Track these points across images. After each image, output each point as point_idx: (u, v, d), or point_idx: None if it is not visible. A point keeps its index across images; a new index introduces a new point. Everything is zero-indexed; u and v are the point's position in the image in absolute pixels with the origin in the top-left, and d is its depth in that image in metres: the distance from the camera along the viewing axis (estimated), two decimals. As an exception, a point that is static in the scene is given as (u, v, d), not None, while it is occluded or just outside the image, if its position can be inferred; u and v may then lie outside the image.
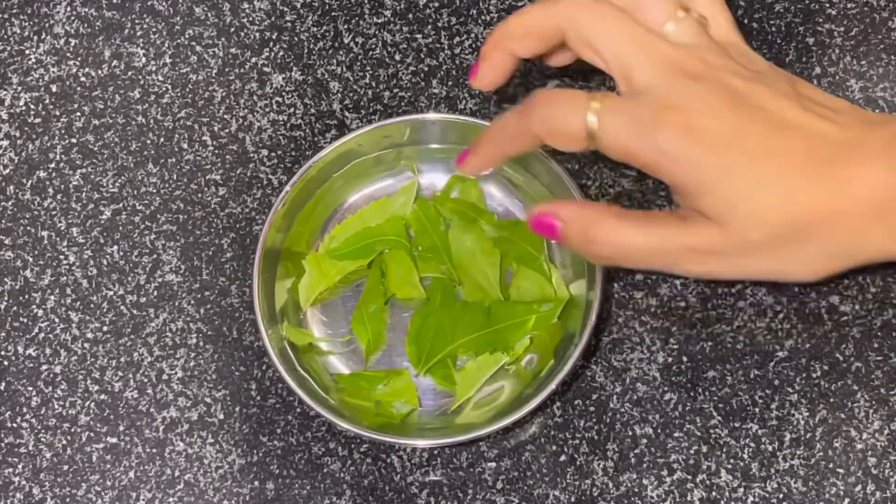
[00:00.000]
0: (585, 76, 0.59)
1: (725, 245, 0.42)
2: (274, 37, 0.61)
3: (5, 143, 0.60)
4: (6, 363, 0.56)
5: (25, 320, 0.57)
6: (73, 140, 0.60)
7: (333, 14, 0.61)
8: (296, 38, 0.61)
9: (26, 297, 0.57)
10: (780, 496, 0.52)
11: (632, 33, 0.44)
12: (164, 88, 0.60)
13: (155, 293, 0.57)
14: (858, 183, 0.40)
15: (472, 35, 0.60)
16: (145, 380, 0.56)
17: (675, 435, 0.53)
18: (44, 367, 0.56)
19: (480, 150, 0.48)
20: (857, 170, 0.41)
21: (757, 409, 0.53)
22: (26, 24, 0.62)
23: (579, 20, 0.44)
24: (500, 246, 0.54)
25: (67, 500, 0.54)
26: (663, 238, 0.43)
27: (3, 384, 0.56)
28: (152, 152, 0.59)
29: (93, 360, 0.56)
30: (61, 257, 0.58)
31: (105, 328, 0.57)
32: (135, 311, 0.57)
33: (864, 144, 0.41)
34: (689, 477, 0.53)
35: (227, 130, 0.60)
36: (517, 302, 0.53)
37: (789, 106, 0.42)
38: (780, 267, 0.43)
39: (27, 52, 0.62)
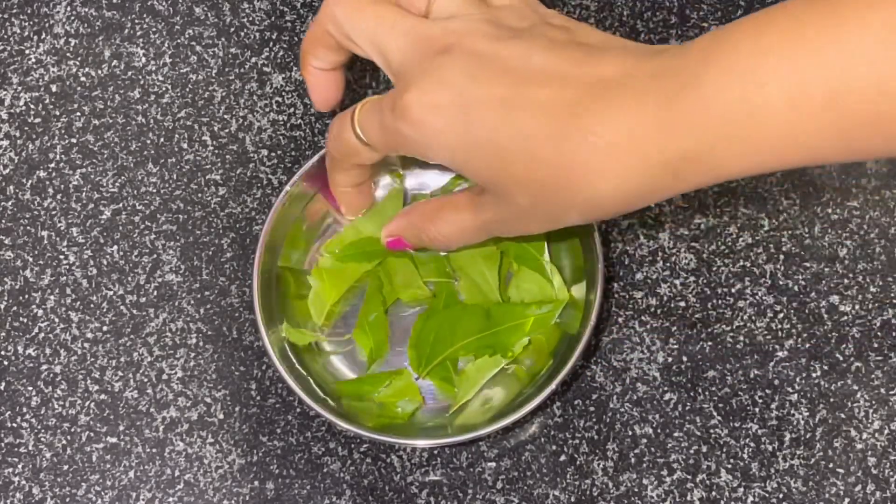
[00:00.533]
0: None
1: (509, 213, 0.43)
2: (274, 37, 0.61)
3: (5, 143, 0.60)
4: (6, 363, 0.56)
5: (25, 320, 0.57)
6: (73, 140, 0.60)
7: (333, 14, 0.61)
8: (296, 38, 0.61)
9: (26, 297, 0.57)
10: (780, 496, 0.52)
11: (380, 16, 0.43)
12: (164, 88, 0.60)
13: (155, 293, 0.57)
14: (604, 129, 0.38)
15: (472, 35, 0.60)
16: (145, 380, 0.56)
17: (675, 435, 0.53)
18: (44, 366, 0.56)
19: (337, 196, 0.53)
20: (603, 115, 0.38)
21: (757, 409, 0.53)
22: (26, 24, 0.62)
23: (336, 16, 0.45)
24: (501, 246, 0.54)
25: (67, 500, 0.54)
26: (468, 220, 0.46)
27: (3, 384, 0.56)
28: (152, 152, 0.59)
29: (93, 360, 0.56)
30: (61, 257, 0.58)
31: (105, 328, 0.57)
32: (135, 311, 0.57)
33: (624, 83, 0.39)
34: (689, 477, 0.53)
35: (227, 130, 0.60)
36: (516, 304, 0.53)
37: (543, 59, 0.40)
38: (564, 220, 0.42)
39: (27, 52, 0.62)
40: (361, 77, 0.60)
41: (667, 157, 0.38)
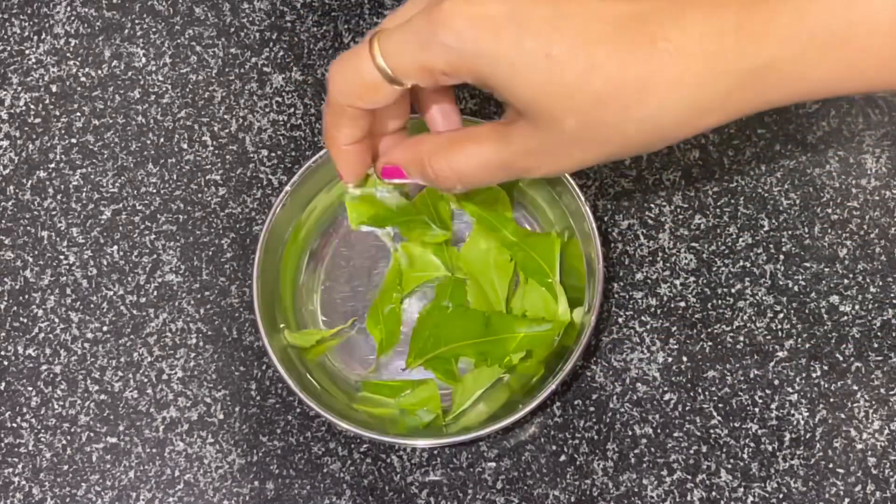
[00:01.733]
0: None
1: (549, 142, 0.39)
2: (274, 37, 0.61)
3: (5, 143, 0.60)
4: (6, 363, 0.56)
5: (25, 320, 0.57)
6: (73, 140, 0.60)
7: (333, 14, 0.61)
8: (296, 38, 0.61)
9: (26, 297, 0.57)
10: (780, 496, 0.52)
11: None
12: (164, 88, 0.60)
13: (155, 293, 0.57)
14: (676, 34, 0.35)
15: (472, 35, 0.60)
16: (145, 380, 0.56)
17: (675, 435, 0.53)
18: (44, 367, 0.56)
19: (337, 158, 0.47)
20: (676, 20, 0.35)
21: (757, 409, 0.53)
22: (26, 24, 0.62)
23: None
24: (515, 255, 0.54)
25: (67, 500, 0.54)
26: (491, 152, 0.41)
27: (3, 384, 0.56)
28: (152, 152, 0.59)
29: (93, 360, 0.56)
30: (61, 257, 0.58)
31: (105, 328, 0.57)
32: (135, 311, 0.57)
33: (689, 5, 0.36)
34: (689, 477, 0.53)
35: (227, 130, 0.60)
36: (517, 317, 0.53)
37: None
38: (613, 150, 0.38)
39: (27, 52, 0.62)
40: (361, 77, 0.60)
41: (746, 65, 0.35)
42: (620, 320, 0.55)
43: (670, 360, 0.54)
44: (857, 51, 0.34)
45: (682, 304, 0.55)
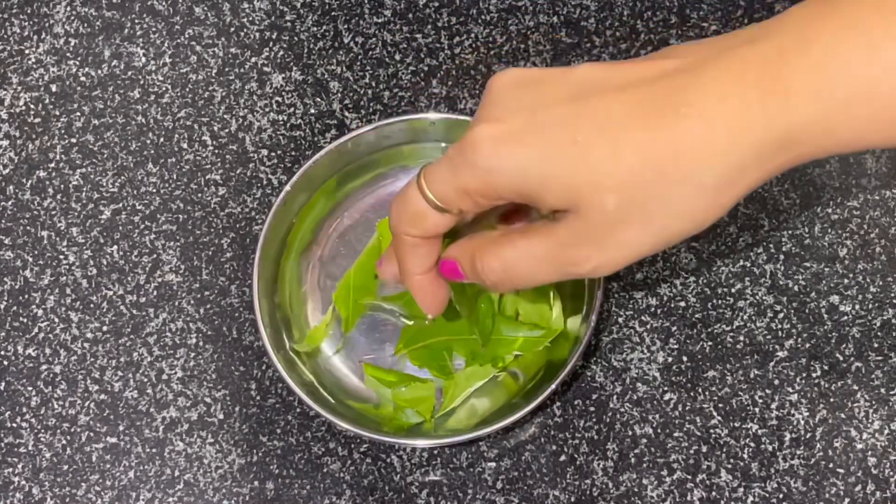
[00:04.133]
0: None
1: (593, 228, 0.38)
2: (274, 37, 0.61)
3: (5, 143, 0.60)
4: (6, 363, 0.56)
5: (25, 320, 0.57)
6: (73, 140, 0.60)
7: (333, 14, 0.61)
8: (296, 38, 0.61)
9: (26, 297, 0.57)
10: (780, 496, 0.52)
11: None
12: (163, 88, 0.60)
13: (155, 293, 0.57)
14: (698, 98, 0.36)
15: (472, 35, 0.60)
16: (145, 380, 0.56)
17: (675, 435, 0.53)
18: (43, 367, 0.56)
19: (414, 292, 0.47)
20: (696, 85, 0.36)
21: (757, 409, 0.53)
22: (26, 23, 0.62)
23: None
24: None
25: (67, 500, 0.54)
26: (539, 245, 0.40)
27: (3, 384, 0.56)
28: (152, 152, 0.59)
29: (93, 360, 0.56)
30: (61, 257, 0.58)
31: (105, 328, 0.57)
32: (135, 311, 0.57)
33: (718, 55, 0.36)
34: (689, 477, 0.53)
35: (227, 130, 0.60)
36: (510, 319, 0.53)
37: (611, 68, 0.38)
38: (663, 224, 0.38)
39: (27, 51, 0.62)
40: (361, 77, 0.60)
41: (771, 121, 0.35)
42: (620, 320, 0.55)
43: (670, 359, 0.54)
44: (882, 108, 0.34)
45: (682, 303, 0.55)
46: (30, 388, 0.56)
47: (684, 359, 0.54)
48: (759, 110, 0.35)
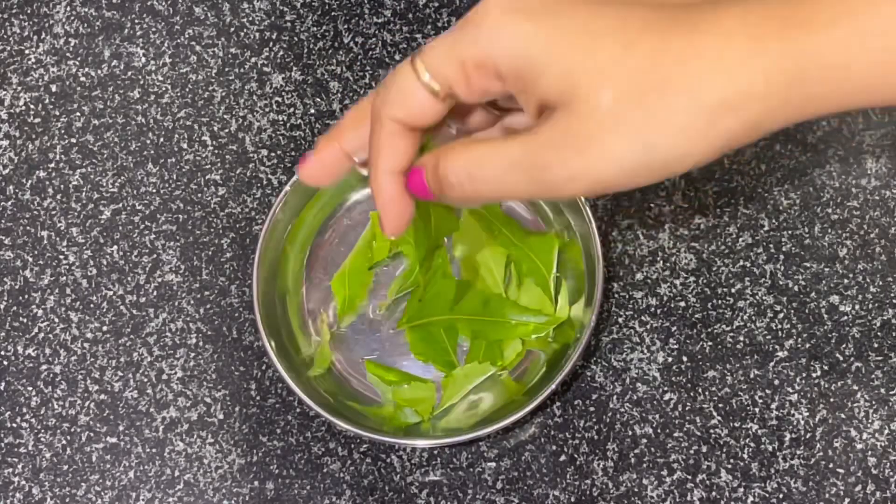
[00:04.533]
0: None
1: (579, 126, 0.35)
2: (274, 37, 0.61)
3: (5, 143, 0.60)
4: (6, 363, 0.56)
5: (25, 320, 0.57)
6: (73, 140, 0.60)
7: (333, 14, 0.61)
8: (296, 38, 0.61)
9: (26, 297, 0.57)
10: (780, 496, 0.52)
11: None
12: (163, 88, 0.60)
13: (155, 293, 0.57)
14: (715, 23, 0.35)
15: (472, 35, 0.60)
16: (145, 380, 0.56)
17: (675, 435, 0.53)
18: (44, 367, 0.56)
19: (378, 192, 0.41)
20: (713, 13, 0.35)
21: (757, 409, 0.53)
22: (26, 24, 0.62)
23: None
24: (512, 255, 0.54)
25: (67, 500, 0.54)
26: (513, 146, 0.37)
27: (3, 384, 0.56)
28: (152, 152, 0.59)
29: (93, 360, 0.56)
30: (61, 257, 0.58)
31: (105, 328, 0.57)
32: (135, 311, 0.57)
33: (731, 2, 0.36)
34: (689, 477, 0.53)
35: (227, 130, 0.60)
36: (516, 303, 0.54)
37: None
38: (652, 140, 0.35)
39: (27, 52, 0.62)
40: (360, 77, 0.60)
41: (788, 48, 0.34)
42: (620, 320, 0.55)
43: (670, 359, 0.54)
44: None
45: (682, 303, 0.55)
46: (30, 388, 0.56)
47: (684, 359, 0.55)
48: (776, 37, 0.34)
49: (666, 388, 0.54)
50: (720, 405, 0.54)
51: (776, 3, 0.35)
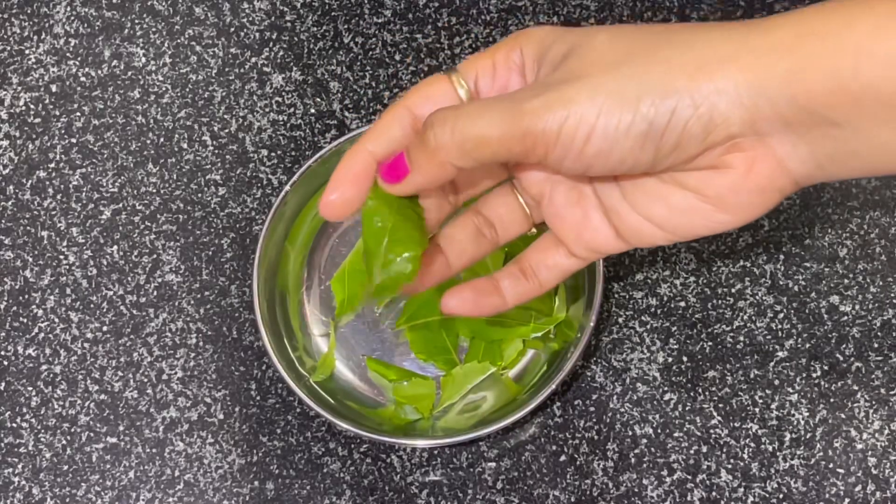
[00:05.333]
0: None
1: (567, 71, 0.36)
2: (274, 37, 0.61)
3: (5, 143, 0.60)
4: (6, 363, 0.56)
5: (25, 320, 0.57)
6: (73, 140, 0.60)
7: (333, 14, 0.61)
8: (296, 38, 0.61)
9: (26, 297, 0.57)
10: (780, 496, 0.52)
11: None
12: (164, 88, 0.60)
13: (155, 293, 0.57)
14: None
15: (472, 35, 0.60)
16: (145, 380, 0.56)
17: (675, 435, 0.53)
18: (44, 367, 0.56)
19: (339, 168, 0.41)
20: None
21: (757, 409, 0.53)
22: (26, 24, 0.62)
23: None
24: (512, 254, 0.54)
25: (67, 500, 0.54)
26: (500, 99, 0.36)
27: (3, 384, 0.56)
28: (152, 152, 0.59)
29: (93, 360, 0.56)
30: (61, 257, 0.58)
31: (105, 328, 0.57)
32: (135, 311, 0.57)
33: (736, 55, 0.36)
34: (689, 477, 0.53)
35: (227, 130, 0.60)
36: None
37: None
38: (633, 79, 0.35)
39: (27, 52, 0.62)
40: (361, 77, 0.60)
41: (777, 63, 0.34)
42: (620, 320, 0.55)
43: (670, 360, 0.54)
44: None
45: (682, 304, 0.55)
46: (30, 388, 0.56)
47: (684, 359, 0.55)
48: (773, 54, 0.35)
49: (666, 388, 0.54)
50: (720, 405, 0.54)
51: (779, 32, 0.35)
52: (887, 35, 0.33)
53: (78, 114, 0.60)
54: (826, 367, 0.54)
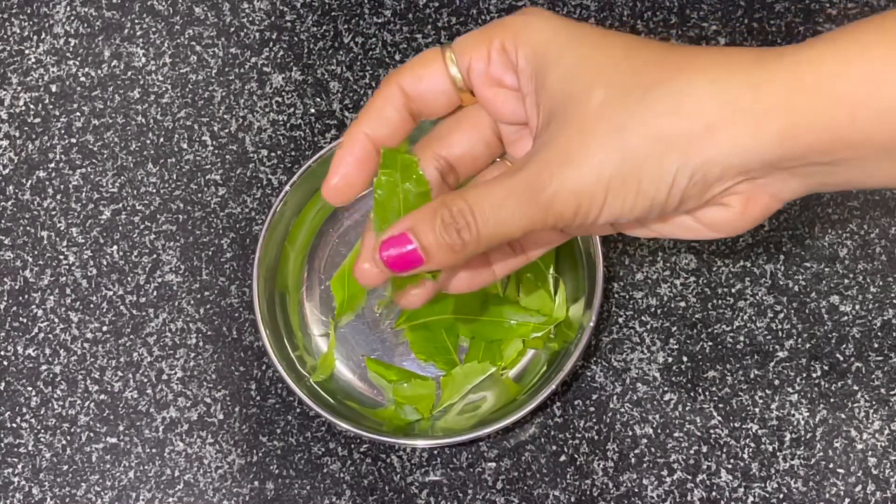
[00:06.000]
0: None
1: (571, 132, 0.36)
2: (274, 37, 0.61)
3: (5, 143, 0.60)
4: (6, 363, 0.56)
5: (25, 320, 0.57)
6: (73, 140, 0.60)
7: (333, 14, 0.61)
8: (296, 38, 0.61)
9: (26, 297, 0.57)
10: (781, 496, 0.52)
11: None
12: (163, 88, 0.60)
13: (155, 293, 0.57)
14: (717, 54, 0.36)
15: (472, 35, 0.60)
16: (145, 380, 0.56)
17: (675, 435, 0.53)
18: (44, 367, 0.56)
19: (341, 147, 0.41)
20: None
21: (757, 409, 0.53)
22: (26, 24, 0.62)
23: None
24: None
25: (67, 500, 0.54)
26: (514, 174, 0.37)
27: (3, 384, 0.56)
28: (152, 152, 0.59)
29: (93, 360, 0.56)
30: (61, 257, 0.58)
31: (105, 328, 0.57)
32: (134, 311, 0.57)
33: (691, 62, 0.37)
34: (689, 477, 0.53)
35: (227, 130, 0.60)
36: (514, 303, 0.54)
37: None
38: (632, 143, 0.35)
39: (27, 52, 0.62)
40: (360, 77, 0.60)
41: (766, 91, 0.34)
42: (620, 320, 0.55)
43: (670, 360, 0.54)
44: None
45: (682, 304, 0.55)
46: (30, 388, 0.56)
47: (684, 359, 0.54)
48: (772, 74, 0.35)
49: (666, 388, 0.54)
50: (720, 405, 0.54)
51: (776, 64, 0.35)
52: (884, 86, 0.33)
53: (78, 114, 0.60)
54: (826, 367, 0.54)
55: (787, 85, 0.34)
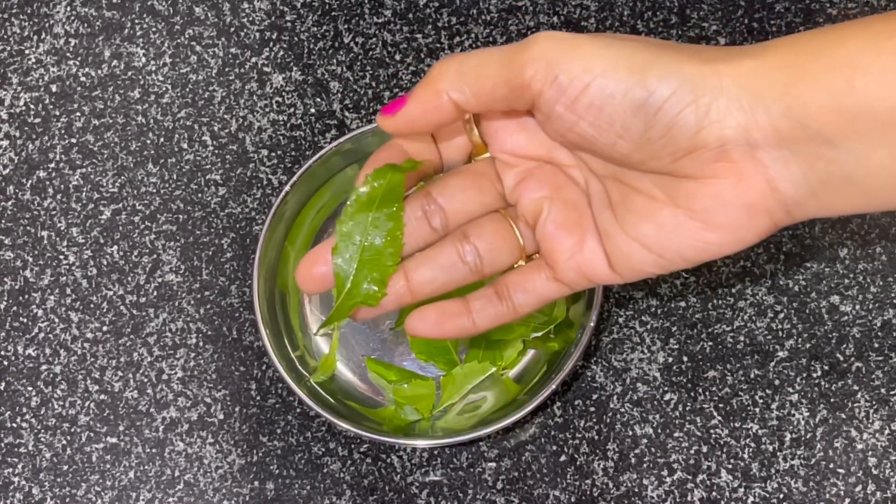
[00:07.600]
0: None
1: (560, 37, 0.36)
2: (274, 37, 0.61)
3: (5, 143, 0.60)
4: (6, 363, 0.56)
5: (25, 320, 0.57)
6: (73, 140, 0.60)
7: (333, 14, 0.61)
8: (296, 38, 0.61)
9: (26, 297, 0.57)
10: (781, 496, 0.52)
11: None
12: (164, 88, 0.60)
13: (155, 293, 0.57)
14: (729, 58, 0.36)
15: (473, 35, 0.60)
16: (145, 380, 0.56)
17: (676, 435, 0.53)
18: (44, 367, 0.56)
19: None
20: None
21: (757, 409, 0.53)
22: (26, 24, 0.62)
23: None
24: None
25: (67, 500, 0.54)
26: (513, 45, 0.37)
27: (3, 384, 0.56)
28: (152, 152, 0.59)
29: (93, 360, 0.56)
30: (61, 257, 0.58)
31: (105, 328, 0.57)
32: (135, 311, 0.57)
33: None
34: (690, 477, 0.53)
35: (227, 130, 0.60)
36: None
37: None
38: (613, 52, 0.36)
39: (27, 52, 0.62)
40: (361, 77, 0.60)
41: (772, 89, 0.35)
42: (620, 320, 0.55)
43: (670, 360, 0.54)
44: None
45: (682, 303, 0.55)
46: (30, 388, 0.56)
47: (684, 359, 0.54)
48: (769, 82, 0.35)
49: (666, 388, 0.54)
50: (720, 405, 0.54)
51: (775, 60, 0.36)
52: (880, 50, 0.34)
53: (78, 114, 0.60)
54: (826, 367, 0.54)
55: (788, 49, 0.35)
